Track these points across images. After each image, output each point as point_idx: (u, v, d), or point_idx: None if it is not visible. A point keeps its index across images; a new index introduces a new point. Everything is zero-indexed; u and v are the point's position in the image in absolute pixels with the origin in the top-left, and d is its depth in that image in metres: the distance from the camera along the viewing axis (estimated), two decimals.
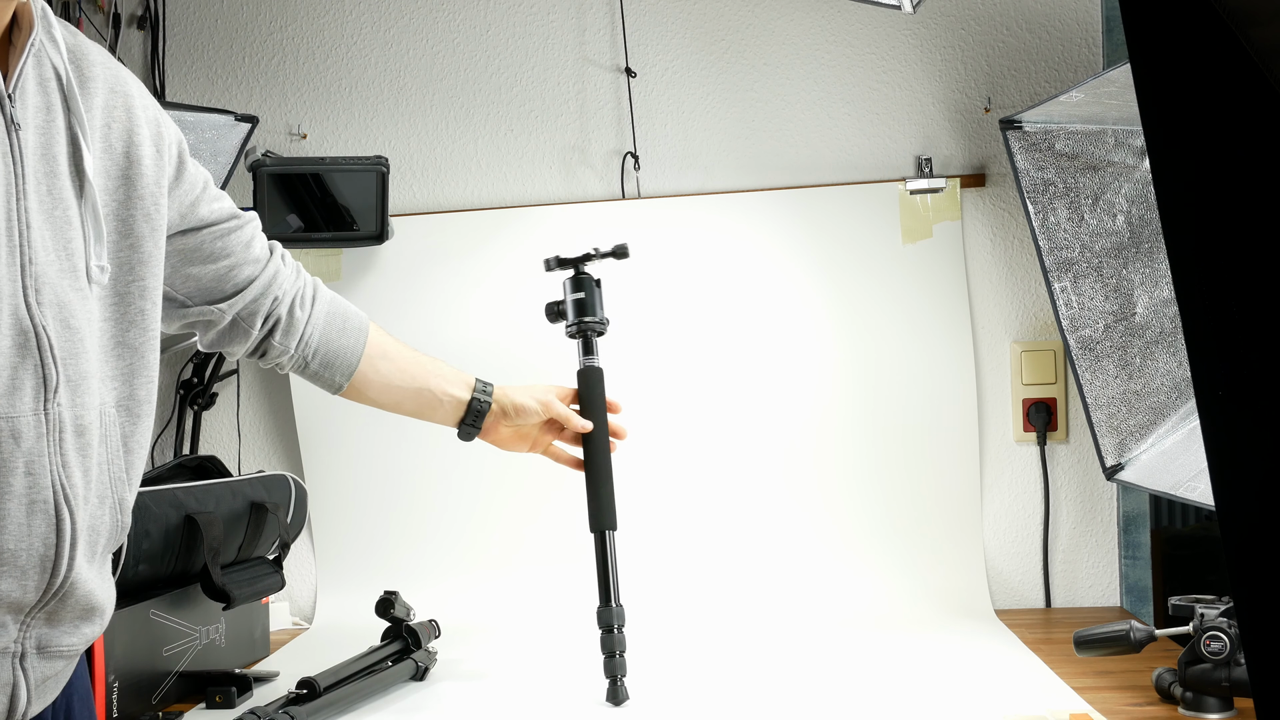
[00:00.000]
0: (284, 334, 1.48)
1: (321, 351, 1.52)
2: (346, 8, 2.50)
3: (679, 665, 1.97)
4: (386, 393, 1.59)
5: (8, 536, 1.08)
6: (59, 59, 1.16)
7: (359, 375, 1.55)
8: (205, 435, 2.50)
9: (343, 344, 1.53)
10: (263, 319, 1.45)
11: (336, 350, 1.53)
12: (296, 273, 1.51)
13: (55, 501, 1.11)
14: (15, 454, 1.07)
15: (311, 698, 1.70)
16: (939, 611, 2.25)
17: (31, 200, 1.11)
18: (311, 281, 1.53)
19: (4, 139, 1.09)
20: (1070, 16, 2.36)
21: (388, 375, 1.58)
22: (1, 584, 1.08)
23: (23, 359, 1.08)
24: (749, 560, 2.36)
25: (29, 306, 1.09)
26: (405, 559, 2.42)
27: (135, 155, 1.22)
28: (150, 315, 1.23)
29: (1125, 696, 1.73)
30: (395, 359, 1.59)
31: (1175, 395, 2.14)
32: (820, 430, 2.38)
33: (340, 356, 1.53)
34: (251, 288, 1.42)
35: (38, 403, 1.09)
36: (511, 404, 1.67)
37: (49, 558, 1.11)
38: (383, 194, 2.27)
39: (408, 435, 2.43)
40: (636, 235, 2.37)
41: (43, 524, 1.10)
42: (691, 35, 2.44)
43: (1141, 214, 2.12)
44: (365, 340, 1.55)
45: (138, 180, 1.22)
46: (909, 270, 2.35)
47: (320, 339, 1.51)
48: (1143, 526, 2.36)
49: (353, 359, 1.54)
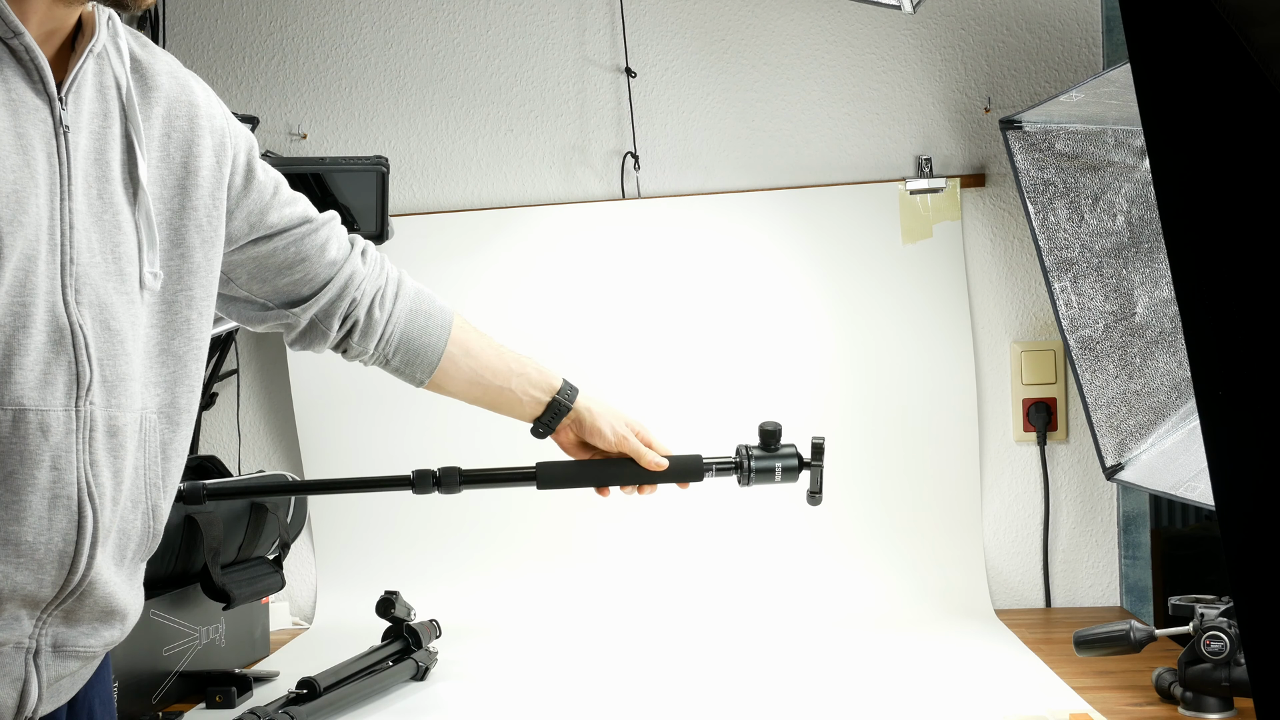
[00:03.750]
0: (362, 335, 1.48)
1: (402, 350, 1.51)
2: (346, 8, 2.50)
3: (678, 665, 1.97)
4: (469, 389, 1.58)
5: (27, 529, 1.08)
6: (121, 68, 1.18)
7: (440, 372, 1.54)
8: (205, 435, 2.50)
9: (424, 342, 1.52)
10: (339, 320, 1.45)
11: (418, 349, 1.52)
12: (380, 269, 1.49)
13: (79, 499, 1.11)
14: (42, 447, 1.08)
15: (311, 698, 1.70)
16: (939, 611, 2.25)
17: (79, 202, 1.12)
18: (395, 277, 1.51)
19: (51, 140, 1.11)
20: (1070, 16, 2.36)
21: (470, 373, 1.56)
22: (18, 576, 1.09)
23: (56, 355, 1.09)
24: (749, 561, 2.36)
25: (67, 304, 1.10)
26: (405, 559, 2.42)
27: (193, 166, 1.23)
28: (196, 325, 1.24)
29: (1125, 696, 1.73)
30: (479, 355, 1.56)
31: (1175, 395, 2.14)
32: (820, 429, 2.37)
33: (421, 355, 1.52)
34: (325, 291, 1.42)
35: (69, 399, 1.10)
36: (591, 420, 1.60)
37: (67, 554, 1.11)
38: (383, 194, 2.27)
39: (408, 435, 2.43)
40: (636, 235, 2.38)
41: (64, 520, 1.10)
42: (691, 35, 2.44)
43: (1141, 214, 2.12)
44: (448, 338, 1.54)
45: (194, 191, 1.23)
46: (909, 270, 2.35)
47: (401, 338, 1.50)
48: (1143, 526, 2.36)
49: (434, 357, 1.53)
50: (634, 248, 2.40)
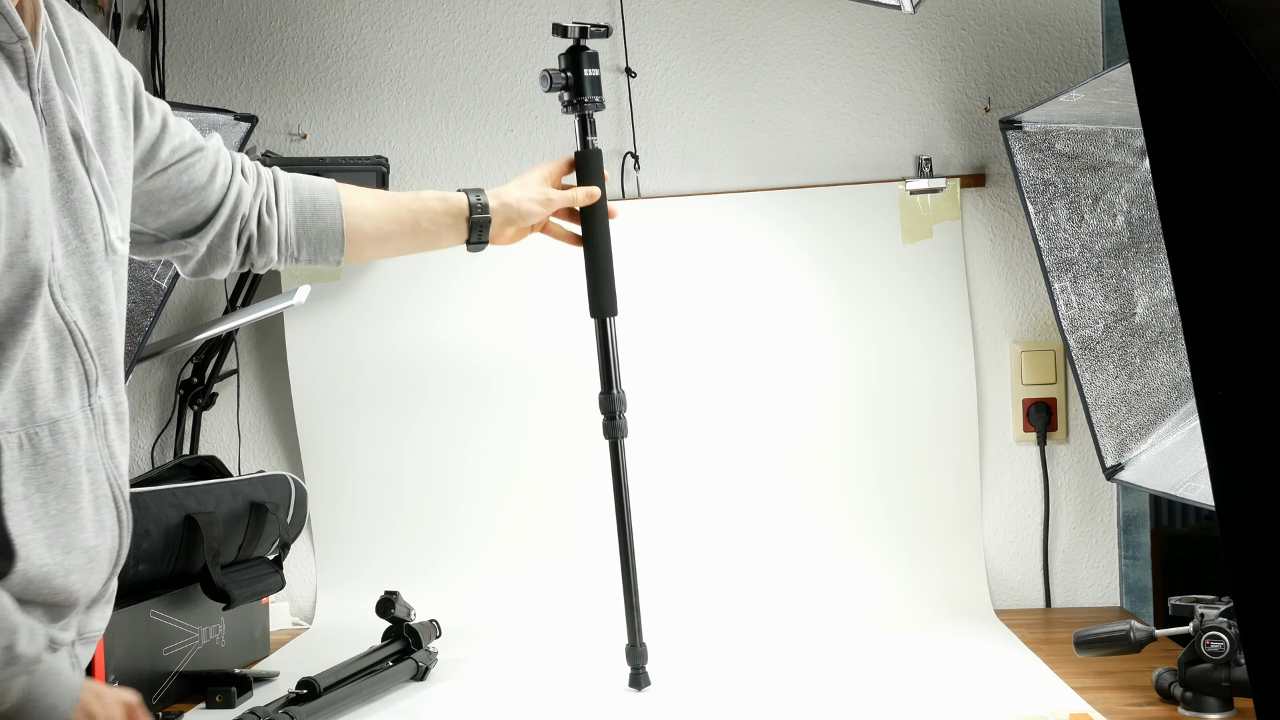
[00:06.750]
0: (261, 247, 1.46)
1: (305, 243, 1.50)
2: (346, 8, 2.50)
3: (678, 665, 1.97)
4: (384, 247, 1.58)
5: (88, 534, 1.08)
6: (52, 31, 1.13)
7: (350, 243, 1.53)
8: (205, 435, 2.50)
9: (321, 227, 1.51)
10: (236, 240, 1.43)
11: (317, 235, 1.51)
12: (257, 179, 1.47)
13: (113, 493, 1.11)
14: (78, 453, 1.08)
15: (311, 698, 1.70)
16: (939, 611, 2.25)
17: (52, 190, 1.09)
18: (270, 179, 1.49)
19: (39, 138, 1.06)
20: (1070, 16, 2.36)
21: (376, 231, 1.55)
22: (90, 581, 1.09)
23: (64, 359, 1.08)
24: (749, 561, 2.36)
25: (57, 304, 1.08)
26: (405, 559, 2.42)
27: (105, 119, 1.19)
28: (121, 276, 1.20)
29: (1125, 696, 1.73)
30: (377, 215, 1.56)
31: (1175, 395, 2.14)
32: (820, 430, 2.38)
33: (324, 239, 1.51)
34: (219, 215, 1.40)
35: (83, 398, 1.09)
36: (515, 211, 1.66)
37: (114, 549, 1.12)
38: None
39: (409, 435, 2.43)
40: (636, 235, 2.38)
41: (109, 517, 1.11)
42: (691, 35, 2.44)
43: (1141, 214, 2.12)
44: (341, 213, 1.52)
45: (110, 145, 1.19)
46: (909, 270, 2.35)
47: (298, 234, 1.49)
48: (1143, 526, 2.36)
49: (337, 236, 1.51)
50: (634, 248, 2.40)
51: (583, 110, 1.80)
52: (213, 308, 2.48)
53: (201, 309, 2.50)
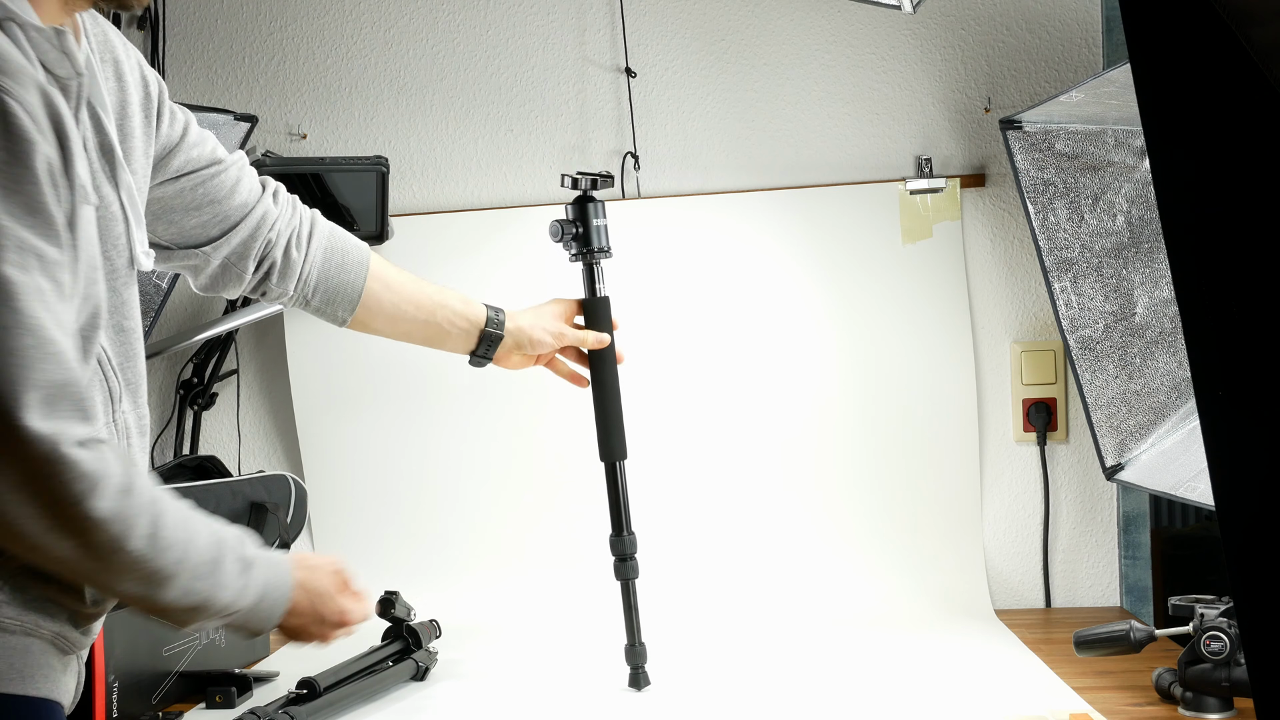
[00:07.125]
0: (281, 277, 1.45)
1: (321, 289, 1.49)
2: (346, 8, 2.50)
3: (677, 665, 1.97)
4: (393, 325, 1.57)
5: None
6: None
7: (362, 309, 1.52)
8: (205, 435, 2.50)
9: (343, 280, 1.50)
10: (255, 262, 1.42)
11: (336, 286, 1.50)
12: (293, 210, 1.47)
13: None
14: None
15: (311, 698, 1.70)
16: (939, 611, 2.25)
17: None
18: (309, 217, 1.49)
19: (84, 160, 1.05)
20: (1070, 16, 2.36)
21: (392, 308, 1.55)
22: None
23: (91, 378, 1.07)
24: (749, 560, 2.36)
25: None
26: (405, 559, 2.41)
27: (129, 128, 1.19)
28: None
29: (1125, 696, 1.73)
30: (399, 290, 1.55)
31: (1175, 395, 2.14)
32: (820, 430, 2.38)
33: (341, 293, 1.50)
34: (236, 232, 1.39)
35: (107, 414, 1.10)
36: (527, 338, 1.66)
37: None
38: (383, 194, 2.27)
39: (409, 435, 2.43)
40: (636, 235, 2.38)
41: None
42: (691, 35, 2.44)
43: (1141, 214, 2.12)
44: (366, 274, 1.52)
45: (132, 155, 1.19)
46: (909, 270, 2.35)
47: (319, 277, 1.48)
48: (1143, 526, 2.36)
49: (354, 294, 1.51)
50: (634, 248, 2.40)
51: (590, 259, 1.79)
52: (213, 308, 2.48)
53: (201, 309, 2.50)
